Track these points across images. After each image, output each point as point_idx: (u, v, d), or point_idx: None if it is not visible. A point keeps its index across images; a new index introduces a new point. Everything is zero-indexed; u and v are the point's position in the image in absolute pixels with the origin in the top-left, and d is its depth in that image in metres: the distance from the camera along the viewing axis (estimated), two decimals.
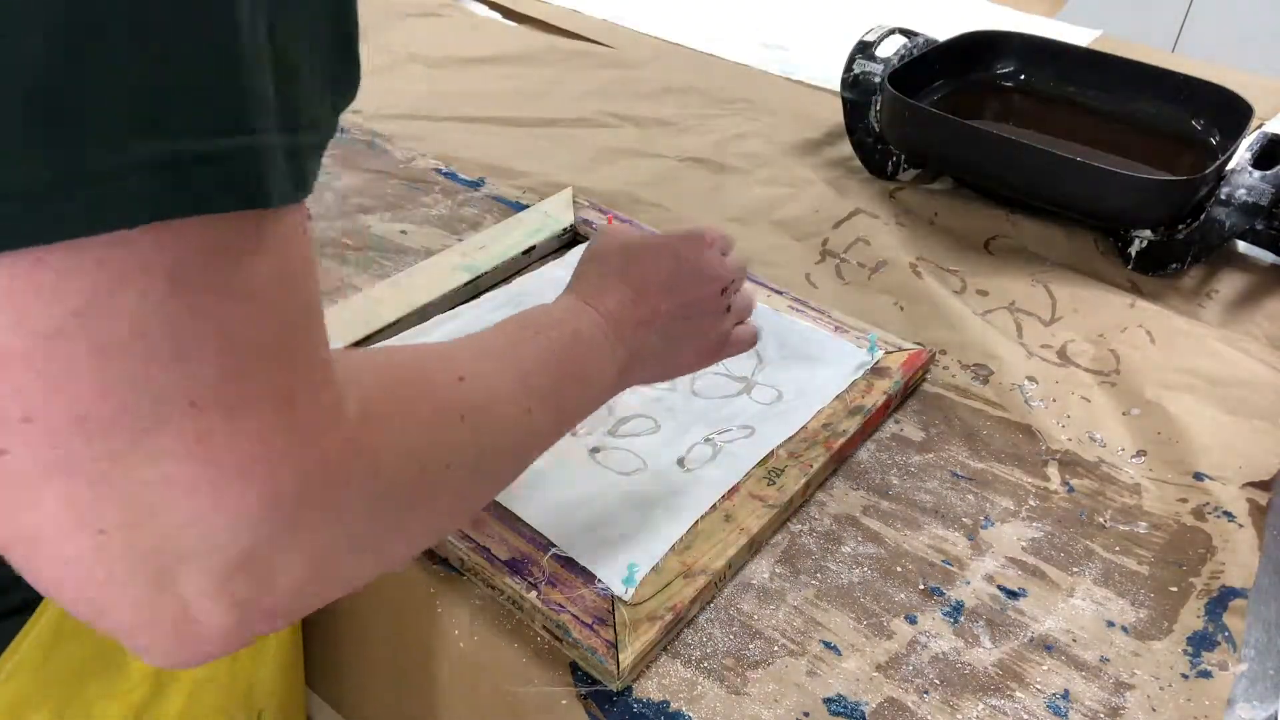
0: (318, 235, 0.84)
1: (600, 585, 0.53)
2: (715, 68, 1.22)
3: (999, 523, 0.61)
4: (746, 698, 0.50)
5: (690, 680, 0.51)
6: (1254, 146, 0.86)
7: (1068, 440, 0.68)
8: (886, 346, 0.72)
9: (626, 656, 0.50)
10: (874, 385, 0.68)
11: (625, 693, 0.50)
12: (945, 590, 0.57)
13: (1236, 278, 0.87)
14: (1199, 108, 0.97)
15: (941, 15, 1.31)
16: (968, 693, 0.51)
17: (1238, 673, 0.53)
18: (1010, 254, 0.88)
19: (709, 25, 1.34)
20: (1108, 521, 0.62)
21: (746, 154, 1.02)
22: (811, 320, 0.74)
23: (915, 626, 0.54)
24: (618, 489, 0.59)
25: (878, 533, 0.60)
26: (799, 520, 0.61)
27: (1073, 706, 0.51)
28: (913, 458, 0.66)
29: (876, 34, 0.99)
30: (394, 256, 0.83)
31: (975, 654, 0.53)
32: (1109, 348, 0.77)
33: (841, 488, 0.63)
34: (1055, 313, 0.81)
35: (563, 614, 0.51)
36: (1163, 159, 0.94)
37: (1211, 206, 0.82)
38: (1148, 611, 0.56)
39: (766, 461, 0.62)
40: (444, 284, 0.76)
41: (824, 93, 1.16)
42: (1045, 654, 0.53)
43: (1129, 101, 1.00)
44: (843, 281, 0.83)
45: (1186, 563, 0.59)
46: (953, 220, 0.92)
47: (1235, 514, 0.62)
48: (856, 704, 0.50)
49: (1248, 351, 0.77)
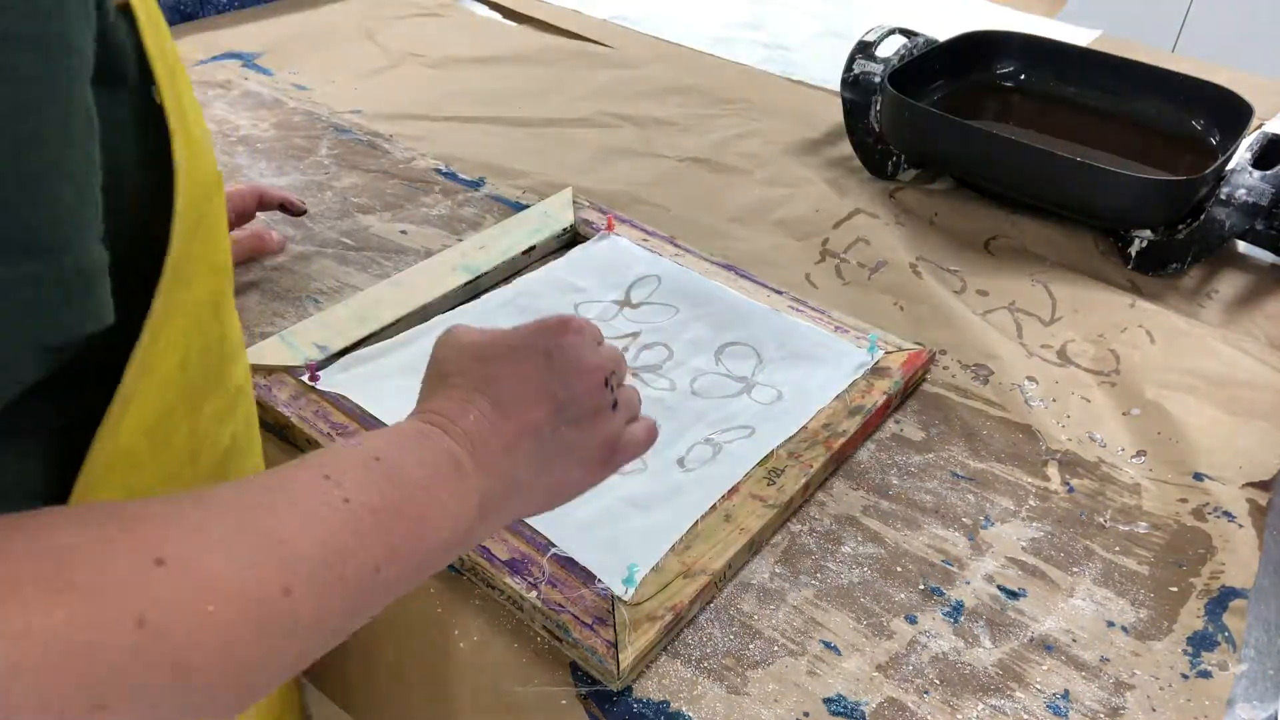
0: (318, 235, 0.85)
1: (600, 585, 0.53)
2: (715, 68, 1.22)
3: (999, 523, 0.61)
4: (746, 698, 0.50)
5: (690, 680, 0.51)
6: (1254, 146, 0.86)
7: (1068, 440, 0.68)
8: (886, 346, 0.72)
9: (626, 656, 0.50)
10: (874, 385, 0.68)
11: (625, 693, 0.50)
12: (945, 590, 0.57)
13: (1236, 278, 0.87)
14: (1199, 108, 0.97)
15: (941, 15, 1.31)
16: (968, 693, 0.51)
17: (1238, 673, 0.53)
18: (1010, 254, 0.88)
19: (709, 25, 1.34)
20: (1108, 521, 0.62)
21: (746, 154, 1.02)
22: (811, 320, 0.74)
23: (915, 626, 0.54)
24: (617, 489, 0.59)
25: (878, 533, 0.60)
26: (799, 520, 0.61)
27: (1073, 706, 0.51)
28: (913, 458, 0.66)
29: (876, 34, 0.99)
30: (394, 256, 0.83)
31: (975, 654, 0.53)
32: (1109, 348, 0.77)
33: (841, 488, 0.63)
34: (1055, 313, 0.81)
35: (563, 614, 0.51)
36: (1163, 159, 0.94)
37: (1211, 206, 0.82)
38: (1148, 611, 0.56)
39: (766, 461, 0.62)
40: (444, 284, 0.76)
41: (824, 93, 1.16)
42: (1045, 654, 0.53)
43: (1129, 101, 1.00)
44: (843, 281, 0.83)
45: (1186, 563, 0.59)
46: (953, 220, 0.92)
47: (1235, 514, 0.62)
48: (856, 704, 0.50)
49: (1248, 351, 0.77)
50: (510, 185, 0.94)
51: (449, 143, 1.00)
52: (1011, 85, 1.06)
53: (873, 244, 0.88)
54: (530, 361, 0.43)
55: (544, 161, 0.98)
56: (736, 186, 0.97)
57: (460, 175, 0.95)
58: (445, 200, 0.91)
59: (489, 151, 0.99)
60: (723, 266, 0.80)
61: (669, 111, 1.10)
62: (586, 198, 0.89)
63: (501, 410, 0.41)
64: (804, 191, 0.96)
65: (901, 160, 0.98)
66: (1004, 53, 1.06)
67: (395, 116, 1.05)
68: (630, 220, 0.86)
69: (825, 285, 0.83)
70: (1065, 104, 1.03)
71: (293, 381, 0.65)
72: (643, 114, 1.09)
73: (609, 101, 1.11)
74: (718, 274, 0.79)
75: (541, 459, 0.43)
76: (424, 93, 1.11)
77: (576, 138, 1.03)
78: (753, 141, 1.05)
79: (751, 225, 0.90)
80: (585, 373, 0.44)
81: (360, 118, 1.04)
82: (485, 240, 0.81)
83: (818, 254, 0.87)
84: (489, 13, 1.37)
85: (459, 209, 0.90)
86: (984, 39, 1.05)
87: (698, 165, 1.00)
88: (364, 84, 1.12)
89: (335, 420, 0.63)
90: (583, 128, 1.06)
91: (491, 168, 0.96)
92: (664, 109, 1.10)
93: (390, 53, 1.20)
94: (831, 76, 1.07)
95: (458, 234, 0.86)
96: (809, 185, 0.97)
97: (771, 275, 0.80)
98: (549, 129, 1.05)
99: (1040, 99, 1.04)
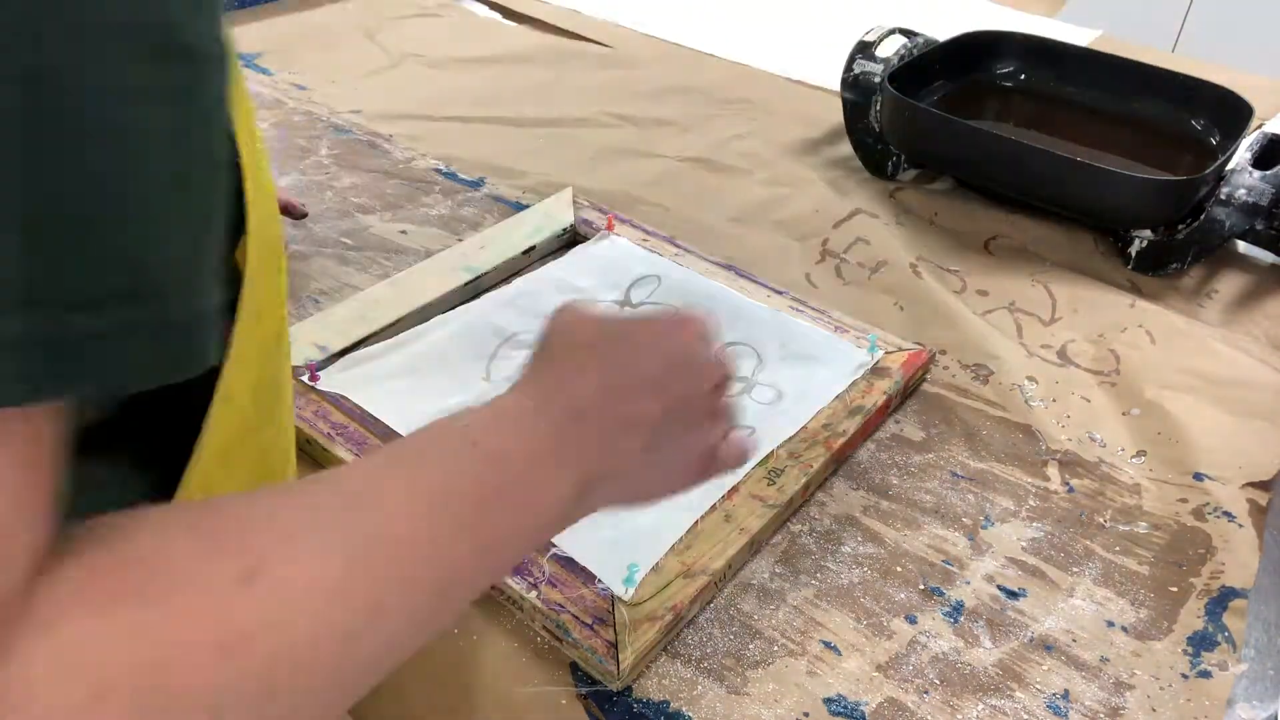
0: (318, 235, 0.85)
1: (600, 585, 0.53)
2: (715, 68, 1.22)
3: (999, 523, 0.61)
4: (746, 698, 0.50)
5: (690, 680, 0.51)
6: (1254, 146, 0.86)
7: (1068, 440, 0.68)
8: (886, 346, 0.72)
9: (626, 656, 0.50)
10: (874, 385, 0.68)
11: (625, 693, 0.50)
12: (945, 590, 0.57)
13: (1236, 278, 0.87)
14: (1199, 108, 0.97)
15: (941, 15, 1.31)
16: (968, 693, 0.51)
17: (1238, 673, 0.53)
18: (1010, 254, 0.88)
19: (709, 25, 1.34)
20: (1108, 521, 0.62)
21: (746, 154, 1.02)
22: (811, 320, 0.74)
23: (915, 626, 0.54)
24: None
25: (878, 533, 0.60)
26: (799, 520, 0.61)
27: (1073, 706, 0.51)
28: (913, 458, 0.66)
29: (876, 34, 0.99)
30: (394, 256, 0.83)
31: (975, 654, 0.53)
32: (1109, 348, 0.77)
33: (841, 488, 0.63)
34: (1055, 313, 0.81)
35: (563, 614, 0.51)
36: (1163, 159, 0.94)
37: (1211, 206, 0.82)
38: (1148, 611, 0.56)
39: (766, 461, 0.62)
40: (444, 284, 0.76)
41: (824, 93, 1.16)
42: (1045, 654, 0.53)
43: (1129, 101, 1.00)
44: (843, 281, 0.83)
45: (1186, 563, 0.59)
46: (953, 220, 0.92)
47: (1235, 514, 0.62)
48: (856, 704, 0.50)
49: (1248, 351, 0.77)
50: (510, 185, 0.94)
51: (449, 143, 1.00)
52: (1011, 85, 1.06)
53: (873, 244, 0.88)
54: (645, 351, 0.41)
55: (544, 161, 0.98)
56: (736, 186, 0.96)
57: (460, 175, 0.95)
58: (445, 200, 0.91)
59: (489, 151, 0.99)
60: (723, 266, 0.80)
61: (669, 111, 1.10)
62: (586, 198, 0.89)
63: (609, 397, 0.39)
64: (804, 191, 0.96)
65: (901, 160, 0.98)
66: (1004, 53, 1.06)
67: (395, 116, 1.05)
68: (630, 220, 0.86)
69: (825, 285, 0.83)
70: (1065, 104, 1.03)
71: (293, 381, 0.65)
72: (643, 114, 1.09)
73: (609, 101, 1.11)
74: (718, 274, 0.79)
75: (642, 455, 0.40)
76: (424, 93, 1.11)
77: (576, 138, 1.03)
78: (753, 141, 1.05)
79: (751, 225, 0.90)
80: (698, 375, 0.42)
81: (360, 118, 1.04)
82: (485, 240, 0.81)
83: (818, 254, 0.87)
84: (489, 13, 1.37)
85: (459, 209, 0.90)
86: (984, 39, 1.05)
87: (697, 165, 1.00)
88: (364, 84, 1.12)
89: (335, 420, 0.63)
90: (583, 128, 1.06)
91: (491, 168, 0.96)
92: (664, 109, 1.10)
93: (390, 53, 1.20)
94: (831, 76, 1.07)
95: (458, 234, 0.86)
96: (809, 185, 0.97)
97: (771, 275, 0.80)
98: (549, 129, 1.05)
99: (1040, 99, 1.04)
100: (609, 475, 0.39)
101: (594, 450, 0.38)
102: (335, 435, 0.61)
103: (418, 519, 0.31)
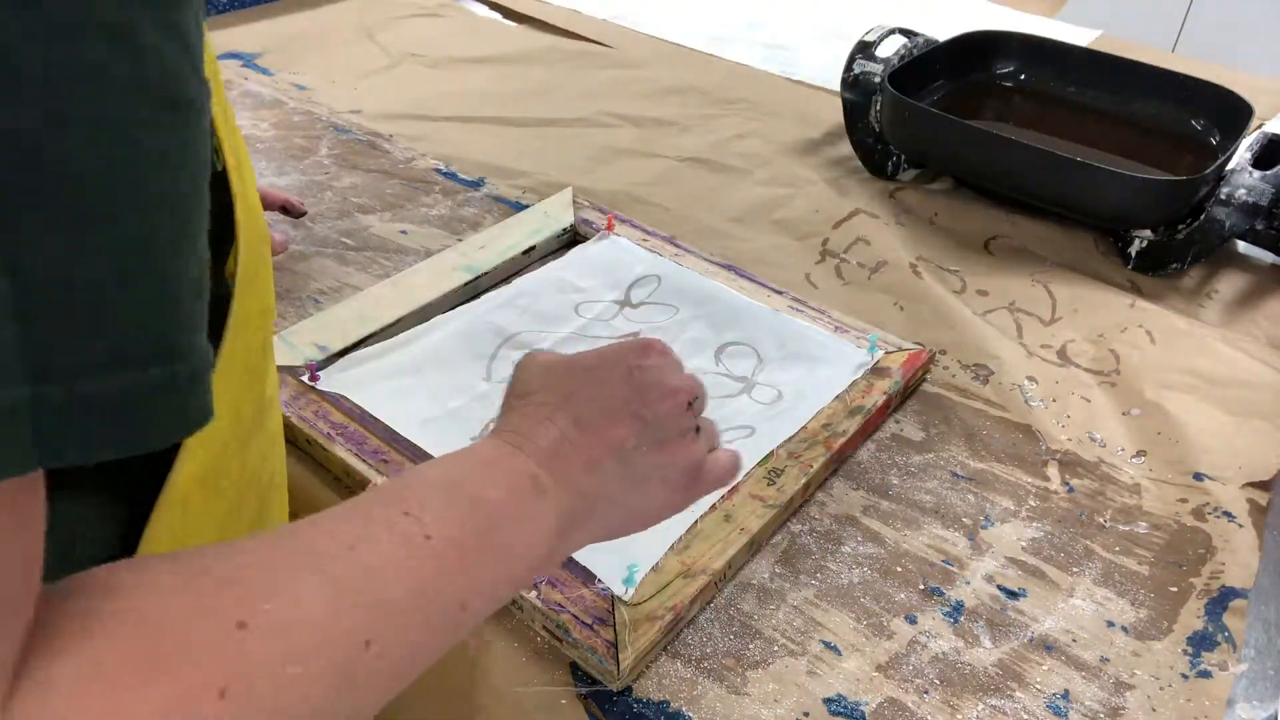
0: (318, 235, 0.85)
1: (600, 585, 0.53)
2: (715, 68, 1.22)
3: (999, 523, 0.61)
4: (746, 698, 0.50)
5: (690, 680, 0.51)
6: (1254, 146, 0.86)
7: (1068, 440, 0.68)
8: (886, 346, 0.72)
9: (626, 656, 0.50)
10: (874, 385, 0.68)
11: (625, 692, 0.50)
12: (945, 590, 0.57)
13: (1236, 278, 0.87)
14: (1199, 108, 0.97)
15: (941, 15, 1.31)
16: (968, 693, 0.51)
17: (1238, 673, 0.53)
18: (1010, 254, 0.88)
19: (709, 25, 1.34)
20: (1108, 521, 0.62)
21: (746, 154, 1.02)
22: (811, 320, 0.74)
23: (915, 626, 0.54)
24: None
25: (878, 533, 0.60)
26: (799, 520, 0.61)
27: (1073, 707, 0.51)
28: (913, 458, 0.66)
29: (876, 34, 0.99)
30: (394, 256, 0.83)
31: (975, 654, 0.53)
32: (1109, 348, 0.77)
33: (841, 488, 0.63)
34: (1055, 313, 0.81)
35: (563, 614, 0.51)
36: (1163, 159, 0.94)
37: (1211, 206, 0.82)
38: (1148, 611, 0.56)
39: (766, 461, 0.62)
40: (444, 284, 0.76)
41: (824, 93, 1.16)
42: (1045, 654, 0.53)
43: (1129, 101, 1.00)
44: (843, 281, 0.83)
45: (1186, 563, 0.59)
46: (953, 220, 0.92)
47: (1235, 514, 0.62)
48: (856, 704, 0.50)
49: (1248, 351, 0.77)
50: (510, 185, 0.94)
51: (449, 143, 1.00)
52: (1011, 85, 1.06)
53: (873, 244, 0.88)
54: (612, 380, 0.43)
55: (544, 161, 0.98)
56: (736, 186, 0.96)
57: (460, 175, 0.95)
58: (445, 200, 0.91)
59: (489, 151, 0.99)
60: (723, 266, 0.80)
61: (669, 111, 1.10)
62: (586, 198, 0.89)
63: (583, 427, 0.41)
64: (804, 191, 0.96)
65: (901, 160, 0.98)
66: (1004, 53, 1.06)
67: (395, 116, 1.05)
68: (630, 220, 0.86)
69: (825, 285, 0.83)
70: (1065, 104, 1.03)
71: (293, 381, 0.65)
72: (643, 114, 1.09)
73: (609, 101, 1.11)
74: (718, 274, 0.79)
75: (623, 478, 0.42)
76: (424, 93, 1.11)
77: (576, 138, 1.03)
78: (753, 141, 1.05)
79: (751, 225, 0.90)
80: (668, 394, 0.43)
81: (360, 118, 1.04)
82: (485, 240, 0.81)
83: (818, 254, 0.87)
84: (489, 13, 1.37)
85: (459, 209, 0.90)
86: (984, 39, 1.05)
87: (697, 165, 1.00)
88: (364, 84, 1.12)
89: (335, 420, 0.63)
90: (583, 128, 1.06)
91: (491, 168, 0.96)
92: (664, 109, 1.10)
93: (390, 53, 1.20)
94: (831, 76, 1.07)
95: (458, 234, 0.86)
96: (809, 185, 0.97)
97: (771, 275, 0.80)
98: (549, 129, 1.05)
99: (1040, 99, 1.04)
100: (591, 505, 0.41)
101: (573, 483, 0.40)
102: (335, 435, 0.61)
103: (402, 566, 0.32)
